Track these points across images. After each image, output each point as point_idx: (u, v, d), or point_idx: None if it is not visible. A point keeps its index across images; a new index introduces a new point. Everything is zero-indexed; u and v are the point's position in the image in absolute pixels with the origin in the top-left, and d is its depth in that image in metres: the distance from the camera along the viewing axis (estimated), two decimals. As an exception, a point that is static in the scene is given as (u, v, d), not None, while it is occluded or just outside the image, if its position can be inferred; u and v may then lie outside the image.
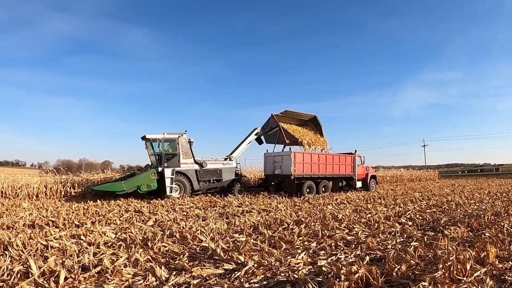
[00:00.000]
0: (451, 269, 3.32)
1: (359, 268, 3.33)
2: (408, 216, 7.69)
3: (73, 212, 8.77)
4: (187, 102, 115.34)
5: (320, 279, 3.40)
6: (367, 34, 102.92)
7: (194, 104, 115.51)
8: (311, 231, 5.98)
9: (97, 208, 9.63)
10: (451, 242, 4.73)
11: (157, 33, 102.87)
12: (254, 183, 18.65)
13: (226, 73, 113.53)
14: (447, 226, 6.32)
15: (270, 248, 4.79)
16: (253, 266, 3.90)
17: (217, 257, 4.33)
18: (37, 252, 4.71)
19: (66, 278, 3.53)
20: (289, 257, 4.28)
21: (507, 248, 4.50)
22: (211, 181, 14.42)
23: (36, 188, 14.07)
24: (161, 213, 8.73)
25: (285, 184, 14.89)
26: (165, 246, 5.00)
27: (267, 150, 16.33)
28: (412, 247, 4.35)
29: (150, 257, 4.38)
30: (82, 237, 5.58)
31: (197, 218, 7.83)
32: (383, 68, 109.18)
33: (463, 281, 3.16)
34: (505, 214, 7.56)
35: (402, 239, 5.41)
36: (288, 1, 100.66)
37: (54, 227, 6.83)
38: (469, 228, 6.13)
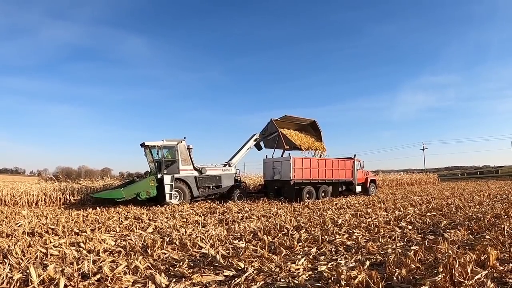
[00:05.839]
0: (452, 272, 3.32)
1: (359, 272, 3.33)
2: (408, 220, 7.68)
3: (72, 220, 8.74)
4: (186, 108, 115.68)
5: (320, 285, 3.40)
6: (364, 39, 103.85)
7: (193, 110, 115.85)
8: (311, 236, 5.97)
9: (96, 216, 9.60)
10: (451, 245, 4.72)
11: (155, 40, 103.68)
12: (254, 189, 18.59)
13: (225, 79, 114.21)
14: (447, 229, 6.32)
15: (270, 254, 4.78)
16: (253, 272, 3.89)
17: (217, 264, 4.32)
18: (37, 259, 4.70)
19: (65, 286, 3.52)
20: (289, 263, 4.27)
21: (508, 250, 4.50)
22: (211, 188, 14.39)
23: (36, 195, 14.03)
24: (160, 220, 8.71)
25: (284, 190, 14.86)
26: (165, 253, 4.99)
27: (266, 156, 16.35)
28: (412, 251, 4.35)
29: (149, 264, 4.37)
30: (82, 244, 5.57)
31: (196, 225, 7.81)
32: (380, 72, 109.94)
33: (464, 284, 3.15)
34: (505, 216, 7.54)
35: (402, 243, 5.40)
36: (285, 6, 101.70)
37: (53, 234, 6.80)
38: (469, 231, 6.13)
